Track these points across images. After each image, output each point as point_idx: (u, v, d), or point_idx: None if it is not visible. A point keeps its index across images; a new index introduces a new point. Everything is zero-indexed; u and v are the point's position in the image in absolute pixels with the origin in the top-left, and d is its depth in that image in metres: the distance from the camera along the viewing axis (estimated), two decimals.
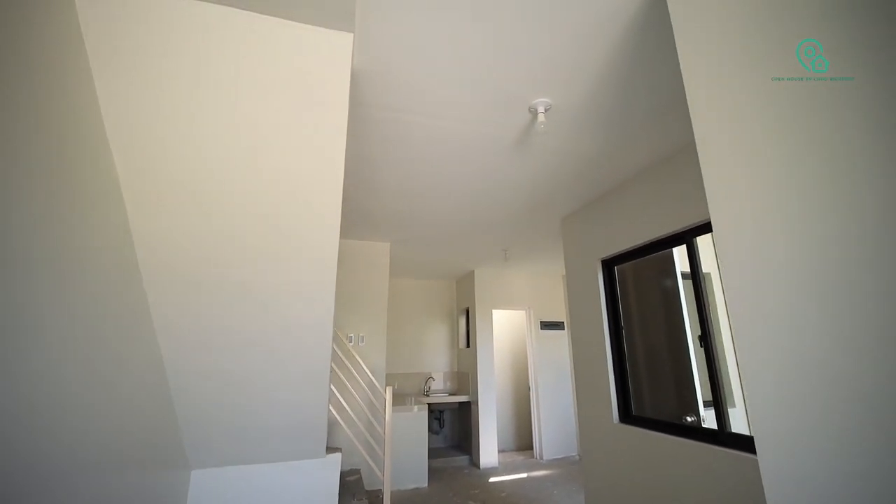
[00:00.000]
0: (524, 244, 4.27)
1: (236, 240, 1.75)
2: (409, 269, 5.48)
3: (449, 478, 4.58)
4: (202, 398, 2.16)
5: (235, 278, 1.86)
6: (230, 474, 2.46)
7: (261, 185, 1.66)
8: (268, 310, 2.01)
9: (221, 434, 2.33)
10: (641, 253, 2.71)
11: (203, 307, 1.88)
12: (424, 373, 5.80)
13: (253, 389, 2.24)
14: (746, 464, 1.84)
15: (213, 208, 1.65)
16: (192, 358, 2.01)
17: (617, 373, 2.77)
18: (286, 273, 1.93)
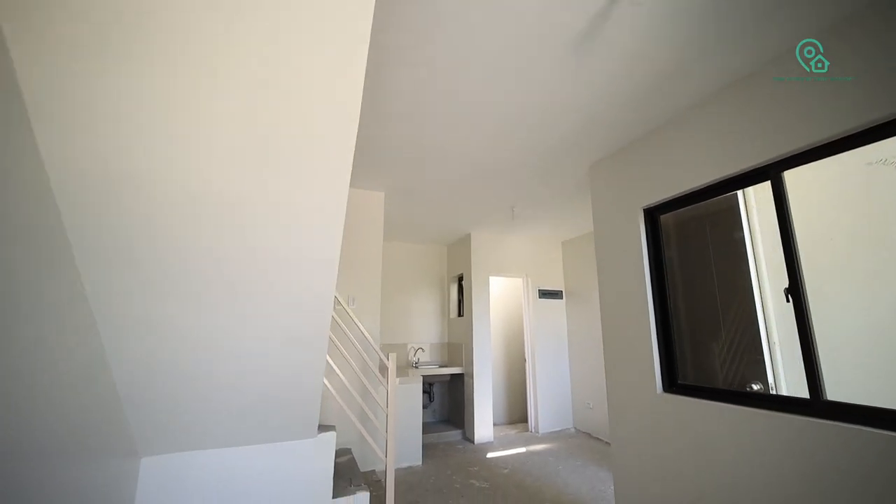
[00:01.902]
0: (536, 199, 3.81)
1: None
2: (401, 230, 4.93)
3: (443, 454, 4.21)
4: (146, 367, 1.61)
5: (194, 189, 1.29)
6: (194, 461, 1.94)
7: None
8: (246, 234, 1.46)
9: (179, 414, 1.80)
10: (696, 198, 2.31)
11: (144, 225, 1.30)
12: (413, 344, 5.35)
13: (219, 357, 1.70)
14: (850, 436, 1.51)
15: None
16: (128, 311, 1.46)
17: (660, 336, 2.40)
18: (282, 179, 1.37)
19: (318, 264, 1.61)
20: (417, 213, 4.23)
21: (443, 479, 3.53)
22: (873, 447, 1.46)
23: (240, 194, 1.37)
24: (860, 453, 1.49)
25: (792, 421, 1.72)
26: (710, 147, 2.16)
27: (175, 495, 1.89)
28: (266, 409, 1.96)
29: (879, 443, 1.44)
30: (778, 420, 1.77)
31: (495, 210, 4.16)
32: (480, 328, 4.88)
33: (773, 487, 1.75)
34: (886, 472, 1.42)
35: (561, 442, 4.61)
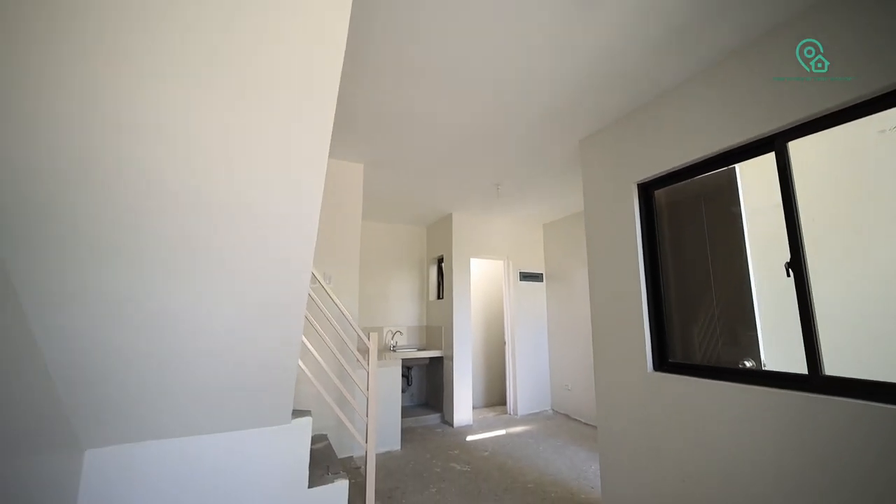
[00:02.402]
0: (522, 177, 3.67)
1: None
2: (379, 209, 4.70)
3: (421, 438, 4.11)
4: (83, 349, 1.38)
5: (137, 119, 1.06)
6: (149, 452, 1.71)
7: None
8: (210, 182, 1.24)
9: (128, 402, 1.57)
10: (695, 171, 2.23)
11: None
12: (390, 327, 5.17)
13: (176, 335, 1.48)
14: (851, 410, 1.48)
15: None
16: (57, 283, 1.22)
17: (652, 314, 2.34)
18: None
19: (294, 222, 1.40)
20: (397, 189, 4.02)
21: (423, 463, 3.42)
22: (875, 421, 1.42)
23: (200, 130, 1.14)
24: (862, 427, 1.46)
25: (789, 397, 1.69)
26: (713, 117, 2.07)
27: (128, 490, 1.67)
28: (233, 393, 1.76)
29: (882, 416, 1.41)
30: (774, 396, 1.73)
31: (479, 188, 4.01)
32: (461, 310, 4.76)
33: (767, 464, 1.72)
34: (884, 445, 1.39)
35: (540, 423, 4.61)
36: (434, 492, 2.86)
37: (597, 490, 2.84)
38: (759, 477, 1.75)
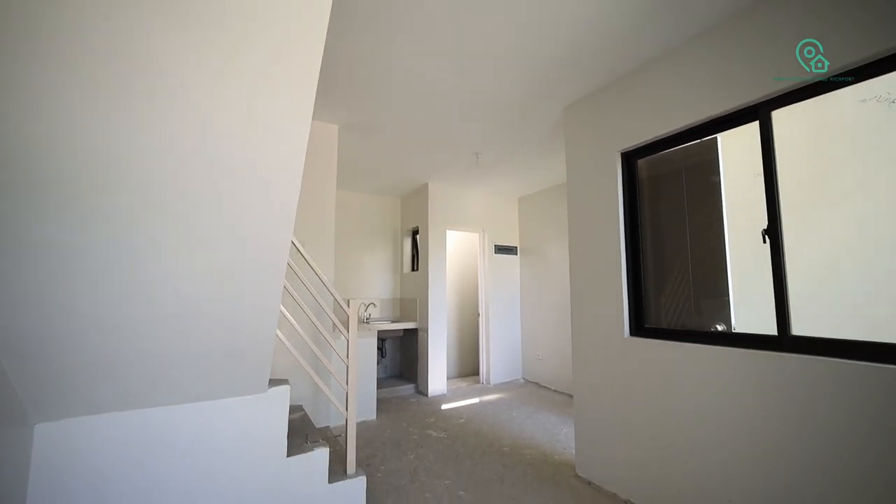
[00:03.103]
0: (503, 145, 3.60)
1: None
2: (353, 178, 4.51)
3: (396, 408, 4.12)
4: (29, 311, 1.22)
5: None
6: (110, 424, 1.58)
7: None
8: (184, 125, 1.10)
9: (85, 371, 1.43)
10: (679, 140, 2.25)
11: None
12: (363, 299, 5.07)
13: (136, 296, 1.34)
14: (818, 367, 1.58)
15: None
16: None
17: (630, 281, 2.39)
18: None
19: (277, 174, 1.28)
20: (373, 155, 3.85)
21: (399, 431, 3.43)
22: (840, 376, 1.52)
23: (171, 79, 0.99)
24: (827, 382, 1.55)
25: (758, 356, 1.78)
26: (699, 86, 2.07)
27: (85, 464, 1.54)
28: (208, 362, 1.64)
29: (846, 372, 1.51)
30: (745, 356, 1.82)
31: (458, 157, 3.90)
32: (436, 283, 4.73)
33: (736, 421, 1.82)
34: (852, 399, 1.49)
35: (512, 392, 4.73)
36: (412, 458, 2.88)
37: (569, 451, 2.96)
38: (727, 433, 1.86)
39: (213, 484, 1.76)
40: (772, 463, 1.70)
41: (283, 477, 1.92)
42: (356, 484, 2.11)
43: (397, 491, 2.39)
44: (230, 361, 1.68)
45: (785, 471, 1.65)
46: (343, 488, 2.07)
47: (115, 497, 1.58)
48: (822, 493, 1.55)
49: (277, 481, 1.90)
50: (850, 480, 1.48)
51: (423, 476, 2.59)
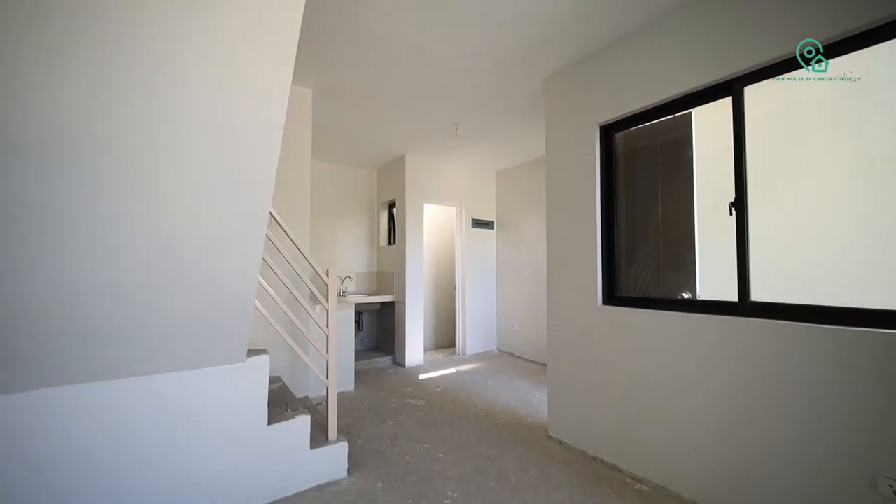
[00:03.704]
0: (482, 117, 3.56)
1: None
2: (328, 147, 4.35)
3: (374, 379, 4.18)
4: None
5: None
6: (75, 394, 1.53)
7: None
8: (153, 72, 1.02)
9: (47, 341, 1.36)
10: (656, 114, 2.30)
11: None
12: (339, 273, 5.02)
13: (103, 258, 1.28)
14: (774, 330, 1.71)
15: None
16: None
17: (604, 252, 2.48)
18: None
19: (257, 133, 1.22)
20: (349, 123, 3.72)
21: (378, 400, 3.50)
22: (794, 337, 1.66)
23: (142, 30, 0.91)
24: (783, 343, 1.69)
25: (720, 321, 1.91)
26: (675, 61, 2.11)
27: (57, 436, 1.50)
28: (183, 330, 1.59)
29: (799, 333, 1.65)
30: (708, 321, 1.95)
31: (436, 128, 3.84)
32: (413, 256, 4.73)
33: (701, 380, 1.96)
34: (804, 358, 1.63)
35: (487, 362, 4.88)
36: (392, 424, 2.95)
37: (541, 414, 3.12)
38: (691, 392, 2.00)
39: (193, 453, 1.75)
40: (728, 416, 1.85)
41: (264, 445, 1.93)
42: (338, 449, 2.15)
43: (378, 455, 2.46)
44: (209, 331, 1.64)
45: (740, 423, 1.81)
46: (325, 453, 2.10)
47: (91, 468, 1.55)
48: (771, 441, 1.71)
49: (259, 449, 1.92)
50: (798, 431, 1.64)
51: (402, 441, 2.67)
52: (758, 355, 1.76)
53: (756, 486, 1.75)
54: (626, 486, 2.12)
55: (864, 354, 1.49)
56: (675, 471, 2.04)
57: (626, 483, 2.15)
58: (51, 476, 1.48)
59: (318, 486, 2.08)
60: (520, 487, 2.10)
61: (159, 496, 1.68)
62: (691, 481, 1.98)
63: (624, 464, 2.27)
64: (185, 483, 1.74)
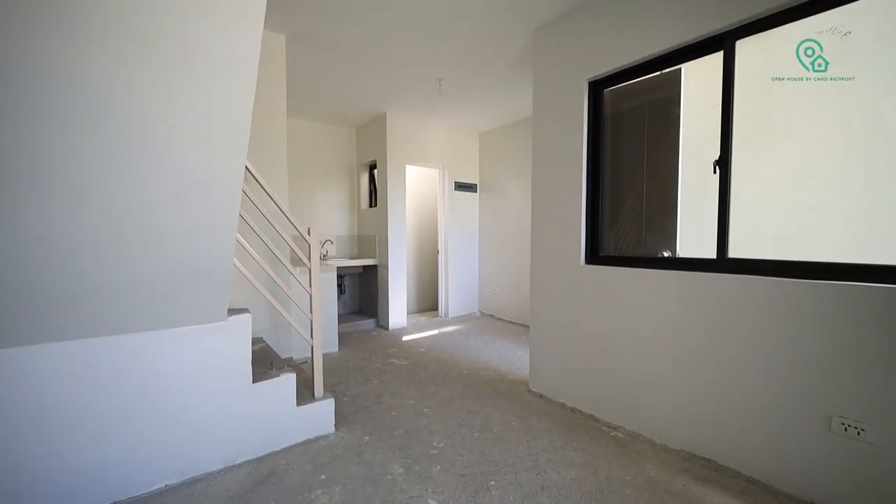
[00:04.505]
0: (467, 73, 3.42)
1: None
2: (303, 102, 4.12)
3: (358, 341, 4.21)
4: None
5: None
6: (48, 353, 1.47)
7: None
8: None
9: (25, 294, 1.28)
10: (643, 71, 2.25)
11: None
12: (318, 237, 4.91)
13: (74, 210, 1.19)
14: (752, 285, 1.77)
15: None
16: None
17: (589, 212, 2.48)
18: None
19: (228, 67, 1.11)
20: (326, 75, 3.50)
21: (362, 361, 3.53)
22: (769, 291, 1.73)
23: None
24: (758, 297, 1.75)
25: (698, 277, 1.96)
26: (666, 14, 2.04)
27: (31, 395, 1.44)
28: (160, 288, 1.53)
29: (771, 287, 1.71)
30: (687, 278, 2.00)
31: (419, 83, 3.67)
32: (395, 217, 4.65)
33: (678, 333, 2.04)
34: (774, 309, 1.71)
35: (469, 323, 4.97)
36: (377, 383, 2.99)
37: (522, 371, 3.22)
38: (668, 344, 2.08)
39: (176, 410, 1.73)
40: (699, 367, 1.95)
41: (250, 403, 1.92)
42: (325, 405, 2.17)
43: (364, 411, 2.50)
44: (186, 288, 1.57)
45: (710, 372, 1.91)
46: (312, 410, 2.12)
47: (68, 427, 1.51)
48: (738, 387, 1.82)
49: (246, 406, 1.91)
50: (763, 377, 1.74)
51: (388, 398, 2.72)
52: (731, 309, 1.84)
53: (722, 428, 1.88)
54: (603, 433, 2.24)
55: (829, 305, 1.56)
56: (649, 419, 2.16)
57: (603, 431, 2.27)
58: (24, 436, 1.44)
59: (306, 441, 2.11)
60: (502, 437, 2.19)
61: (143, 452, 1.67)
62: (663, 428, 2.10)
63: (601, 413, 2.39)
64: (171, 439, 1.72)
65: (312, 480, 1.80)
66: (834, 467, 1.56)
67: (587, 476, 1.84)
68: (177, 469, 1.75)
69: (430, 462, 1.95)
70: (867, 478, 1.49)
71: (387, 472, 1.86)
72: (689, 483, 1.78)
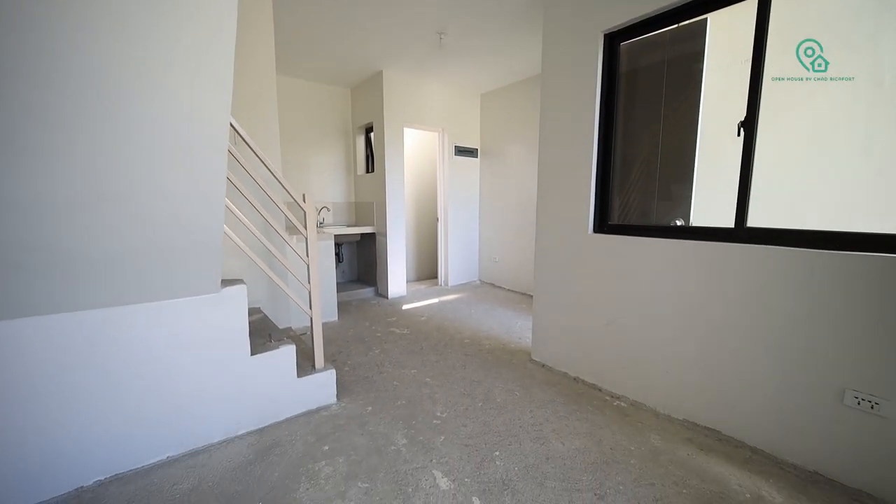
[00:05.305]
0: (470, 24, 3.16)
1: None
2: (293, 58, 3.85)
3: (357, 310, 4.17)
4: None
5: None
6: (40, 325, 1.39)
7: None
8: None
9: (13, 266, 1.17)
10: (663, 22, 2.06)
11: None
12: (315, 204, 4.76)
13: (63, 178, 1.07)
14: (773, 256, 1.69)
15: None
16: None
17: (599, 178, 2.36)
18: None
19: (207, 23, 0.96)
20: (316, 27, 3.24)
21: (362, 330, 3.50)
22: (790, 262, 1.65)
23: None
24: (778, 269, 1.68)
25: (715, 248, 1.88)
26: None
27: (30, 366, 1.38)
28: (145, 259, 1.43)
29: (792, 258, 1.63)
30: (704, 248, 1.92)
31: (418, 37, 3.41)
32: (394, 183, 4.49)
33: (687, 304, 1.98)
34: (791, 281, 1.64)
35: (469, 292, 4.94)
36: (378, 353, 2.97)
37: (524, 340, 3.21)
38: (675, 315, 2.03)
39: (172, 383, 1.68)
40: (714, 336, 1.90)
41: (249, 375, 1.88)
42: (326, 376, 2.14)
43: (366, 381, 2.48)
44: (174, 259, 1.48)
45: (720, 343, 1.87)
46: (313, 381, 2.09)
47: (59, 400, 1.46)
48: (749, 359, 1.78)
49: (244, 379, 1.87)
50: (777, 350, 1.70)
51: (389, 367, 2.70)
52: (748, 280, 1.76)
53: (728, 398, 1.86)
54: (606, 402, 2.24)
55: (851, 277, 1.49)
56: (652, 389, 2.14)
57: (606, 400, 2.26)
58: (23, 408, 1.39)
59: (307, 412, 2.09)
60: (505, 407, 2.18)
61: (141, 425, 1.63)
62: (667, 398, 2.09)
63: (604, 383, 2.38)
64: (169, 412, 1.69)
65: (316, 451, 1.78)
66: (843, 439, 1.55)
67: (591, 446, 1.83)
68: (177, 441, 1.73)
69: (433, 432, 1.94)
70: (876, 450, 1.48)
71: (390, 443, 1.85)
72: (693, 452, 1.78)
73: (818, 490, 1.54)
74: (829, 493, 1.53)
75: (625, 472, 1.65)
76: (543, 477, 1.62)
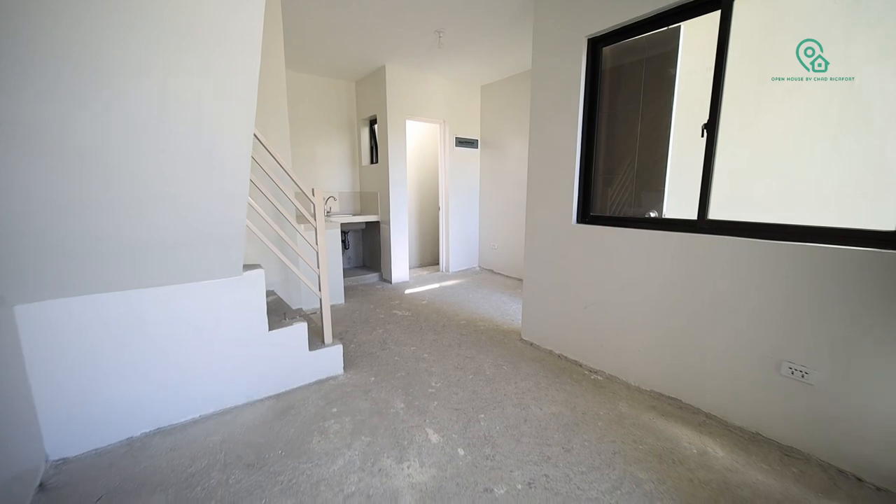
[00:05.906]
0: (467, 23, 3.33)
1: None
2: (300, 51, 4.04)
3: (362, 294, 4.45)
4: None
5: None
6: (93, 306, 1.66)
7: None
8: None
9: (56, 254, 1.43)
10: (642, 28, 2.23)
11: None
12: (323, 193, 4.99)
13: (90, 176, 1.31)
14: (726, 244, 1.91)
15: None
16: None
17: (582, 173, 2.57)
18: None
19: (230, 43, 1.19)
20: (322, 25, 3.42)
21: (367, 312, 3.78)
22: (745, 251, 1.87)
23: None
24: (734, 256, 1.90)
25: (680, 237, 2.10)
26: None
27: (81, 341, 1.66)
28: (183, 247, 1.68)
29: (742, 247, 1.85)
30: (670, 238, 2.14)
31: (418, 35, 3.58)
32: (397, 174, 4.71)
33: (658, 287, 2.21)
34: (746, 268, 1.86)
35: (469, 278, 5.19)
36: (381, 332, 3.25)
37: (516, 322, 3.46)
38: (647, 298, 2.26)
39: (200, 355, 1.96)
40: (675, 316, 2.14)
41: (267, 348, 2.16)
42: (334, 350, 2.42)
43: (370, 356, 2.76)
44: (205, 247, 1.73)
45: (684, 323, 2.11)
46: (323, 354, 2.37)
47: (98, 371, 1.73)
48: (702, 336, 2.02)
49: (263, 350, 2.14)
50: (725, 327, 1.93)
51: (391, 345, 2.97)
52: (705, 266, 1.99)
53: (689, 371, 2.10)
54: (584, 376, 2.49)
55: (792, 264, 1.71)
56: (626, 364, 2.39)
57: (584, 374, 2.52)
58: (59, 380, 1.67)
59: (318, 381, 2.37)
60: (494, 379, 2.44)
61: (176, 388, 1.92)
62: (638, 372, 2.34)
63: (584, 359, 2.64)
64: (200, 378, 1.97)
65: (326, 412, 2.07)
66: (778, 404, 1.79)
67: (566, 411, 2.09)
68: (207, 402, 2.02)
69: (428, 399, 2.21)
70: (804, 412, 1.72)
71: (390, 407, 2.13)
72: (654, 418, 2.04)
73: (756, 447, 1.80)
74: (766, 449, 1.78)
75: (591, 432, 1.91)
76: (521, 434, 1.89)
